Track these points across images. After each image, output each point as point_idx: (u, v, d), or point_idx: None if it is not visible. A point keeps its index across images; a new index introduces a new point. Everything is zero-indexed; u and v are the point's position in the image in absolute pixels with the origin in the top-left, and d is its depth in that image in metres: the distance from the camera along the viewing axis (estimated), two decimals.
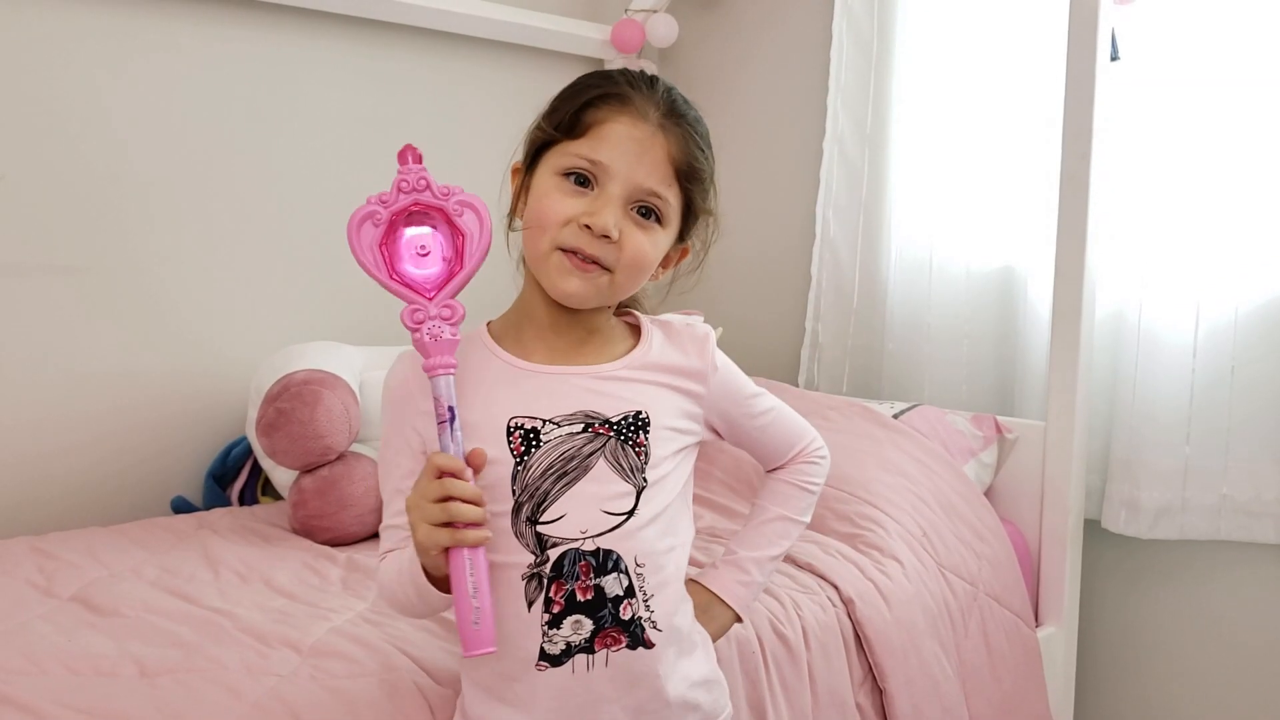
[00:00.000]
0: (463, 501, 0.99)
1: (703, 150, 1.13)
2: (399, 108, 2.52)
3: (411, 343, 1.04)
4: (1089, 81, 2.00)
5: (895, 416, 2.22)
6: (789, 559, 1.80)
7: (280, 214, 2.36)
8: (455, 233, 1.04)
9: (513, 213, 1.17)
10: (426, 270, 1.04)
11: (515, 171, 1.17)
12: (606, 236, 1.06)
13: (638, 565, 1.10)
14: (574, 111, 1.10)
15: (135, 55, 2.15)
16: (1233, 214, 2.05)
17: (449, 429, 1.02)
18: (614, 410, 1.10)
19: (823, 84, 2.61)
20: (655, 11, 2.75)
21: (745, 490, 2.07)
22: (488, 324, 1.18)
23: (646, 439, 1.10)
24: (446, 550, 1.00)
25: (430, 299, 1.03)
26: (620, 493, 1.09)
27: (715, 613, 1.25)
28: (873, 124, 2.53)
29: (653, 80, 1.13)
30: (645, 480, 1.10)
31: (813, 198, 2.63)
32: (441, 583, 1.05)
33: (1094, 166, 2.01)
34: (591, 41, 2.72)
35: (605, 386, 1.11)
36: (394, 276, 1.04)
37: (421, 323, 1.03)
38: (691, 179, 1.12)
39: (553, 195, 1.09)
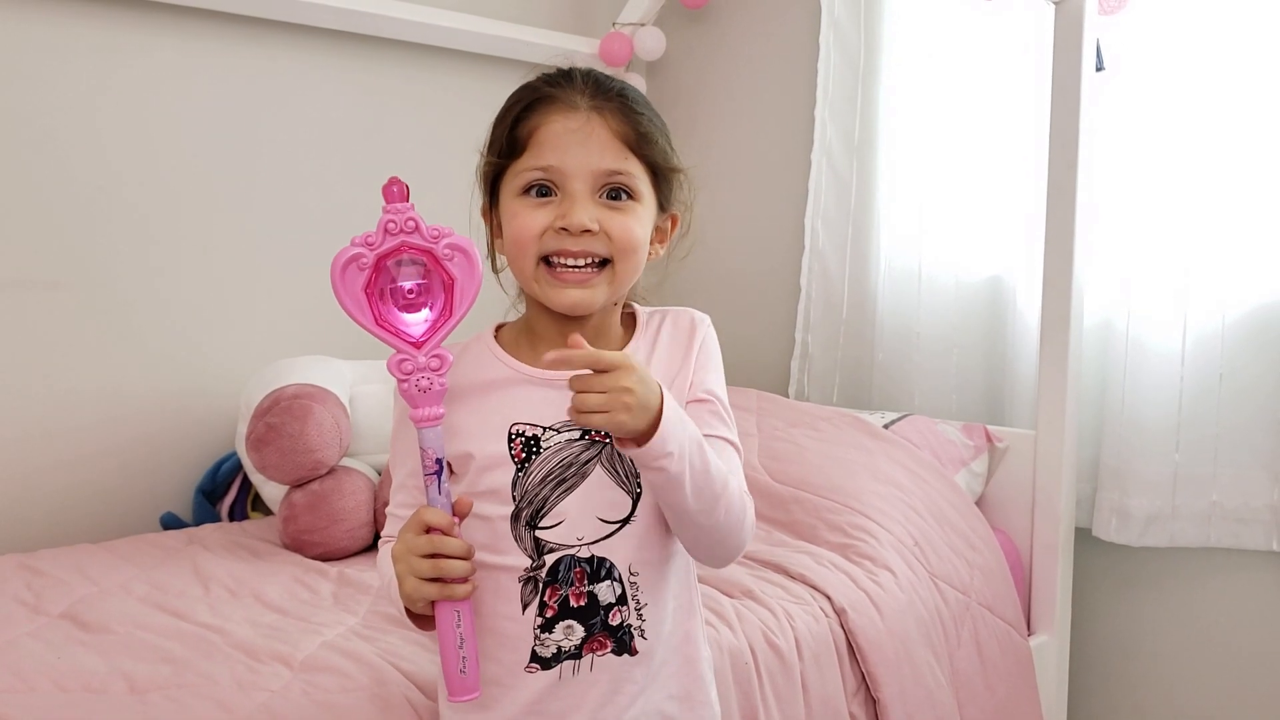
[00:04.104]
0: (451, 557, 1.00)
1: (642, 113, 1.10)
2: (387, 122, 2.52)
3: (398, 390, 1.03)
4: (1075, 91, 2.01)
5: (886, 426, 2.22)
6: (781, 569, 1.81)
7: (270, 227, 2.35)
8: (444, 276, 1.01)
9: (492, 251, 1.16)
10: (414, 317, 1.01)
11: (484, 213, 1.16)
12: (587, 231, 1.06)
13: (632, 573, 1.10)
14: (508, 131, 1.10)
15: (120, 69, 2.14)
16: (1219, 222, 2.07)
17: (436, 481, 1.01)
18: None
19: (810, 95, 2.62)
20: (643, 25, 2.76)
21: (757, 508, 2.07)
22: (497, 327, 1.17)
23: None
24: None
25: (419, 346, 1.01)
26: (616, 500, 1.09)
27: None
28: (860, 135, 2.54)
29: (569, 72, 1.12)
30: (639, 486, 1.09)
31: (801, 209, 2.64)
32: (425, 620, 1.06)
33: (1081, 176, 2.02)
34: (580, 55, 2.72)
35: None
36: (380, 323, 1.01)
37: (410, 374, 1.01)
38: (644, 145, 1.10)
39: (520, 215, 1.08)
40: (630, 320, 1.19)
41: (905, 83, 2.47)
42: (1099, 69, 2.08)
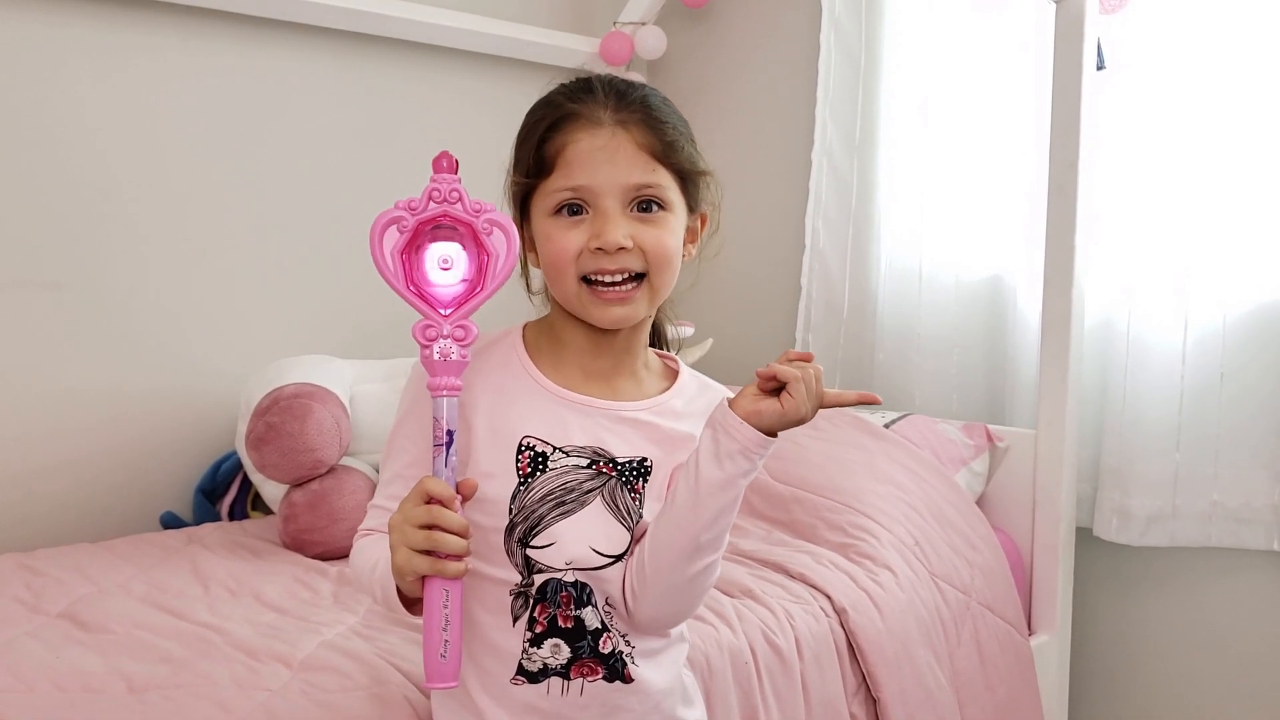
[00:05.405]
0: (447, 532, 0.97)
1: (666, 121, 1.10)
2: (388, 121, 2.52)
3: (419, 358, 1.02)
4: (1076, 90, 2.01)
5: (886, 426, 2.22)
6: (781, 569, 1.80)
7: (270, 227, 2.35)
8: (480, 251, 1.01)
9: (525, 267, 1.16)
10: (446, 285, 1.01)
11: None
12: (622, 248, 1.06)
13: (608, 605, 1.09)
14: (534, 152, 1.09)
15: (120, 68, 2.14)
16: (1220, 221, 2.06)
17: (444, 453, 1.00)
18: (623, 452, 1.09)
19: (811, 95, 2.61)
20: (644, 24, 2.76)
21: (757, 507, 2.06)
22: (524, 328, 1.16)
23: (644, 487, 1.09)
24: (423, 576, 0.98)
25: (446, 316, 1.01)
26: (612, 533, 1.08)
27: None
28: (861, 135, 2.54)
29: (588, 83, 1.11)
30: (635, 526, 1.09)
31: (802, 209, 2.63)
32: (414, 604, 1.03)
33: (1081, 175, 2.02)
34: (580, 54, 2.73)
35: (621, 427, 1.10)
36: (411, 287, 1.01)
37: (433, 340, 1.00)
38: (671, 153, 1.09)
39: (554, 236, 1.07)
40: (668, 370, 1.19)
41: (906, 82, 2.47)
42: (1100, 68, 2.07)
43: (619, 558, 1.08)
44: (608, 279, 1.07)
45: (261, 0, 2.22)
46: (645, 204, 1.08)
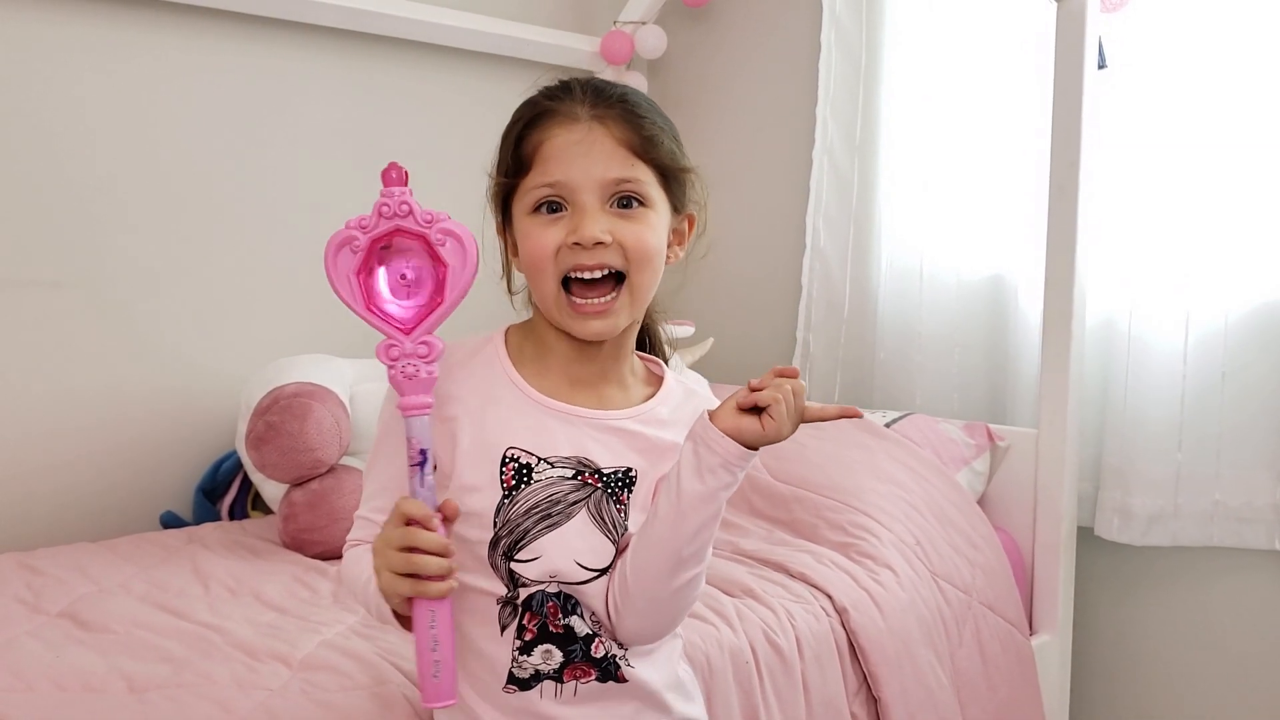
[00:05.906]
0: (428, 553, 0.96)
1: (645, 116, 1.07)
2: (388, 121, 2.52)
3: (387, 378, 1.01)
4: (1077, 90, 2.00)
5: (887, 425, 2.22)
6: (782, 568, 1.80)
7: (270, 226, 2.35)
8: (437, 263, 0.99)
9: (508, 270, 1.15)
10: (405, 303, 1.00)
11: (499, 231, 1.14)
12: (600, 243, 1.04)
13: (593, 618, 1.08)
14: (512, 150, 1.08)
15: (120, 67, 2.14)
16: (1222, 220, 2.06)
17: (419, 473, 0.98)
18: (608, 462, 1.08)
19: (812, 94, 2.61)
20: (644, 23, 2.76)
21: (758, 506, 2.06)
22: (506, 333, 1.14)
23: (629, 498, 1.08)
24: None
25: (408, 334, 1.00)
26: (597, 546, 1.07)
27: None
28: (862, 134, 2.54)
29: (568, 83, 1.10)
30: (622, 538, 1.08)
31: (803, 208, 2.63)
32: (408, 620, 1.03)
33: (1083, 174, 2.02)
34: (581, 53, 2.73)
35: (606, 436, 1.09)
36: (371, 308, 1.00)
37: (396, 359, 0.99)
38: (650, 148, 1.07)
39: (533, 233, 1.06)
40: (653, 376, 1.17)
41: (907, 81, 2.47)
42: (1101, 67, 2.07)
43: (602, 572, 1.07)
44: (586, 275, 1.05)
45: None
46: (625, 200, 1.06)
